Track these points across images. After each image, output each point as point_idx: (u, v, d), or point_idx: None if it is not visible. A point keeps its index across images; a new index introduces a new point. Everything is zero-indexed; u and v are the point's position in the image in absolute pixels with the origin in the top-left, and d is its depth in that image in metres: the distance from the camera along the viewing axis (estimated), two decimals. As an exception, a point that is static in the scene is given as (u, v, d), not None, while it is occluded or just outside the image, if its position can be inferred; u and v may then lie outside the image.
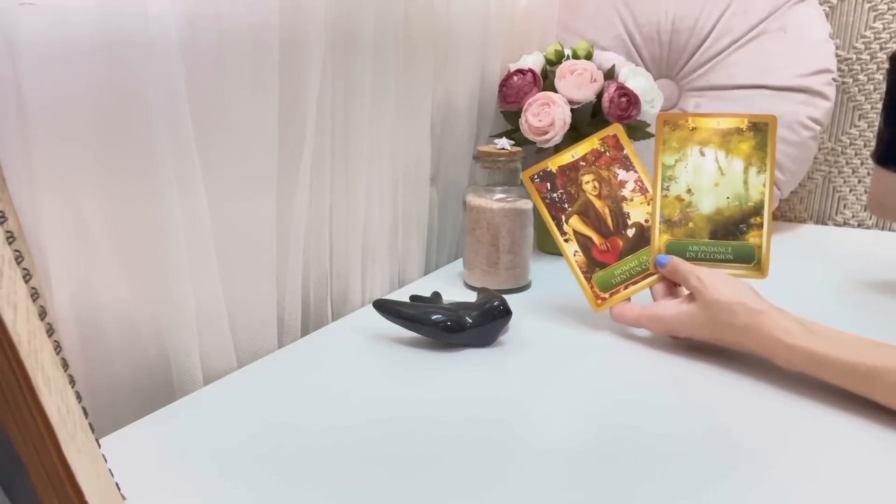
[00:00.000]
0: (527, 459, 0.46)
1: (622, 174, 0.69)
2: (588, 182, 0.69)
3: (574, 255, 0.69)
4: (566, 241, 0.69)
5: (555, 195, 0.69)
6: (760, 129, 0.66)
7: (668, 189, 0.67)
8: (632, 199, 0.69)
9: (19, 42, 0.45)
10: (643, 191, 0.68)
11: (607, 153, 0.69)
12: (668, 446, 0.47)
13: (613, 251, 0.68)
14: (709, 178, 0.67)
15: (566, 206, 0.69)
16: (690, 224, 0.67)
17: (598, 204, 0.69)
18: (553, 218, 0.69)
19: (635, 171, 0.69)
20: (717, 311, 0.58)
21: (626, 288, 0.68)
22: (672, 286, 0.66)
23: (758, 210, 0.66)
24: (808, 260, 0.94)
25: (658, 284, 0.67)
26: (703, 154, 0.67)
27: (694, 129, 0.67)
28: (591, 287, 0.68)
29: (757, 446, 0.47)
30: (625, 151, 0.69)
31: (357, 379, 0.58)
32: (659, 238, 0.67)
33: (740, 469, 0.44)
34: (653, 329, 0.64)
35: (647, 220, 0.68)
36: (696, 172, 0.67)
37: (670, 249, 0.67)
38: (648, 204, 0.68)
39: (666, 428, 0.50)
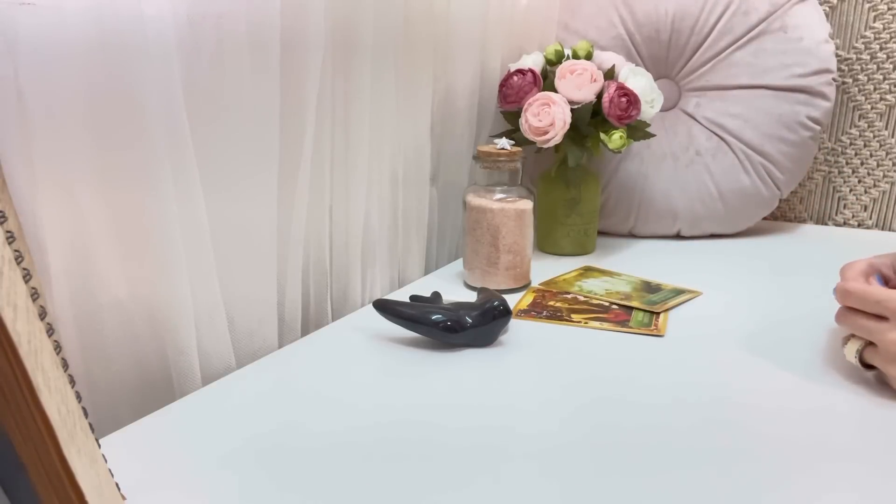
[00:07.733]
0: (526, 459, 0.46)
1: None
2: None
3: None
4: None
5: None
6: None
7: None
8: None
9: (19, 42, 0.45)
10: None
11: None
12: (671, 446, 0.47)
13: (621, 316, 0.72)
14: None
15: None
16: None
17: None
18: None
19: None
20: None
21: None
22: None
23: None
24: (808, 260, 0.94)
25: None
26: None
27: None
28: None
29: (768, 447, 0.47)
30: None
31: (357, 379, 0.58)
32: None
33: (752, 467, 0.44)
34: None
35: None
36: None
37: None
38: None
39: (669, 427, 0.50)
